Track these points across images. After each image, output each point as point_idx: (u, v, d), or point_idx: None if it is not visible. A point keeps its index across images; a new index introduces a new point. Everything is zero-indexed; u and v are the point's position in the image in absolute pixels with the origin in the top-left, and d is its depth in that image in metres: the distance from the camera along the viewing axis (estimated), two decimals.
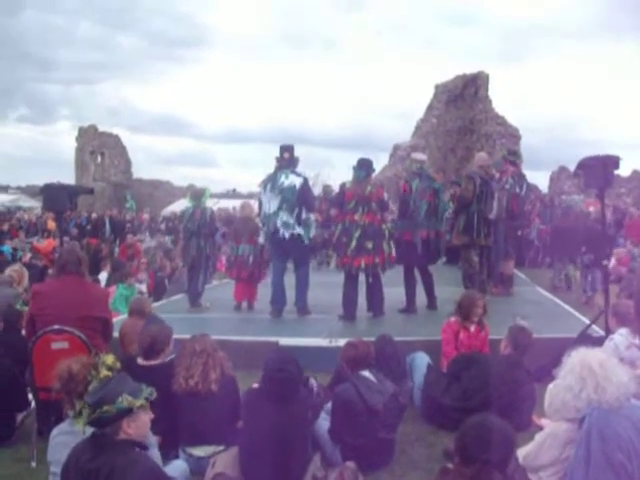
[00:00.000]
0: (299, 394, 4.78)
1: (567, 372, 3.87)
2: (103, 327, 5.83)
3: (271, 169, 9.58)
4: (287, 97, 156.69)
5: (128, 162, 48.25)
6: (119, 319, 8.28)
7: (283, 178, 9.28)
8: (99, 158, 46.89)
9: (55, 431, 4.15)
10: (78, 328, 5.40)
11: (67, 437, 3.87)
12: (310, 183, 9.85)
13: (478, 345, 6.75)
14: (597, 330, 7.44)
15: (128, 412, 3.49)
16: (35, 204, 37.65)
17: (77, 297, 5.70)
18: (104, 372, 3.75)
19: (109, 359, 3.86)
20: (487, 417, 3.47)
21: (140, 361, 5.22)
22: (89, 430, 3.44)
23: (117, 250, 20.52)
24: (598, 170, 7.02)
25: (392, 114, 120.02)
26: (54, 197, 7.61)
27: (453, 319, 6.95)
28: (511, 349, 5.97)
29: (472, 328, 6.85)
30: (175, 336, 5.70)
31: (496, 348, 6.37)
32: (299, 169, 9.63)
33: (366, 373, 5.21)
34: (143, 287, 12.27)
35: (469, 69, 31.86)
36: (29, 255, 16.45)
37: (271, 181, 9.39)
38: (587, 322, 7.80)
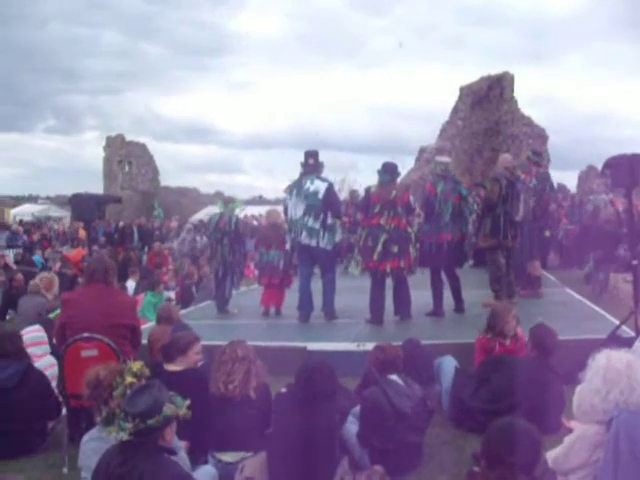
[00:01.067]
0: (329, 399, 4.79)
1: (593, 375, 3.85)
2: (131, 334, 5.90)
3: (296, 175, 9.63)
4: (312, 102, 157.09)
5: (155, 170, 48.69)
6: (147, 326, 8.37)
7: (308, 184, 9.31)
8: (127, 167, 47.37)
9: (86, 437, 4.21)
10: (107, 336, 5.48)
11: (97, 443, 3.92)
12: (336, 188, 9.88)
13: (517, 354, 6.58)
14: (627, 331, 7.37)
15: (171, 421, 3.55)
16: (64, 214, 38.13)
17: (105, 305, 5.77)
18: (129, 379, 3.80)
19: (135, 366, 3.91)
20: (513, 420, 3.46)
21: (167, 367, 5.27)
22: (120, 434, 3.48)
23: (145, 258, 20.70)
24: (625, 169, 6.97)
25: (417, 117, 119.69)
26: (82, 206, 7.71)
27: (486, 336, 6.64)
28: (536, 351, 5.94)
29: (507, 342, 6.55)
30: (204, 342, 5.76)
31: None
32: (324, 174, 9.66)
33: (394, 377, 5.22)
34: (172, 294, 12.36)
35: (493, 70, 31.80)
36: (59, 264, 16.63)
37: (296, 187, 9.43)
38: (617, 323, 7.74)
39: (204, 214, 34.02)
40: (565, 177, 49.42)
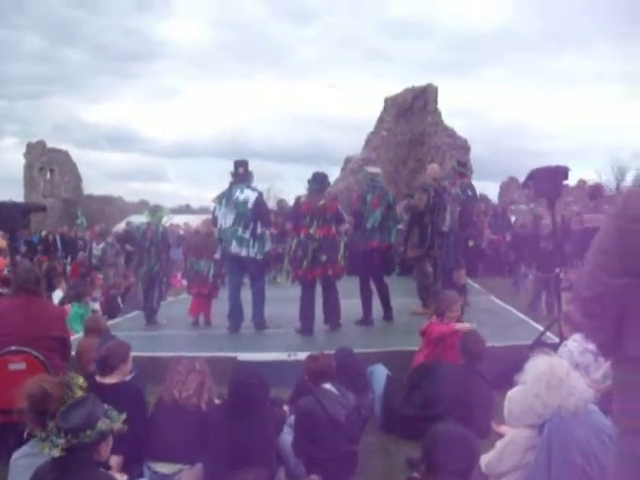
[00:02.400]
0: (263, 409, 4.78)
1: (533, 380, 3.94)
2: (61, 346, 5.75)
3: (222, 183, 9.63)
4: (236, 111, 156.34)
5: (78, 178, 47.62)
6: (75, 338, 8.19)
7: (238, 193, 9.29)
8: (48, 174, 46.19)
9: (16, 454, 4.07)
10: (36, 348, 5.34)
11: (29, 460, 3.80)
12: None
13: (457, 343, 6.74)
14: (551, 337, 7.58)
15: (106, 436, 3.47)
16: None
17: (34, 316, 5.62)
18: (79, 392, 3.70)
19: (79, 379, 3.82)
20: (451, 427, 3.53)
21: (99, 379, 5.16)
22: (53, 451, 3.38)
23: (69, 268, 20.23)
24: (548, 181, 7.19)
25: (342, 127, 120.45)
26: (6, 215, 7.47)
27: (435, 320, 7.05)
28: (465, 358, 6.08)
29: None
30: (134, 353, 5.66)
31: None
32: (253, 184, 9.66)
33: (328, 386, 5.23)
34: (96, 305, 12.12)
35: (417, 81, 32.24)
36: None
37: (226, 196, 9.39)
38: (541, 329, 7.95)
39: (128, 223, 33.52)
40: (486, 187, 50.48)
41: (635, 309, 2.26)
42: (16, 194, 42.30)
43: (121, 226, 33.68)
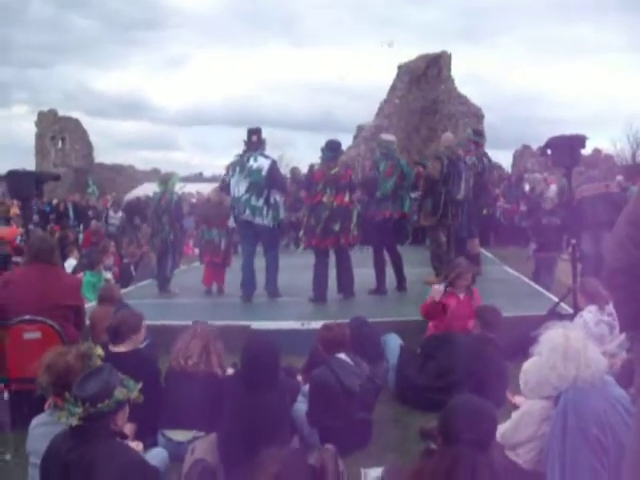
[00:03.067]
0: (276, 379, 4.78)
1: (549, 351, 3.91)
2: (76, 316, 5.78)
3: (233, 151, 9.60)
4: (247, 78, 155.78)
5: (89, 147, 47.52)
6: (88, 307, 8.21)
7: (252, 161, 9.24)
8: (60, 143, 46.12)
9: (34, 422, 4.09)
10: (50, 317, 5.35)
11: (47, 428, 3.81)
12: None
13: (468, 313, 6.76)
14: (566, 308, 7.55)
15: (123, 405, 3.48)
16: None
17: (50, 286, 5.64)
18: (98, 362, 3.71)
19: (98, 349, 3.83)
20: (469, 397, 3.51)
21: (112, 348, 5.18)
22: (70, 420, 3.39)
23: (81, 236, 20.27)
24: (565, 149, 7.12)
25: (354, 95, 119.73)
26: (20, 184, 7.45)
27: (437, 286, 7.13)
28: (480, 328, 6.06)
29: (461, 296, 6.98)
30: (147, 322, 5.67)
31: None
32: (267, 152, 9.60)
33: (342, 355, 5.24)
34: (109, 274, 12.14)
35: (430, 48, 31.93)
36: None
37: (239, 164, 9.35)
38: (556, 300, 7.91)
39: (140, 191, 33.51)
40: (499, 155, 50.17)
41: None
42: (28, 163, 42.42)
43: (133, 194, 33.72)
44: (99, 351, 4.00)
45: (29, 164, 42.03)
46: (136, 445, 4.16)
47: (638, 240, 2.25)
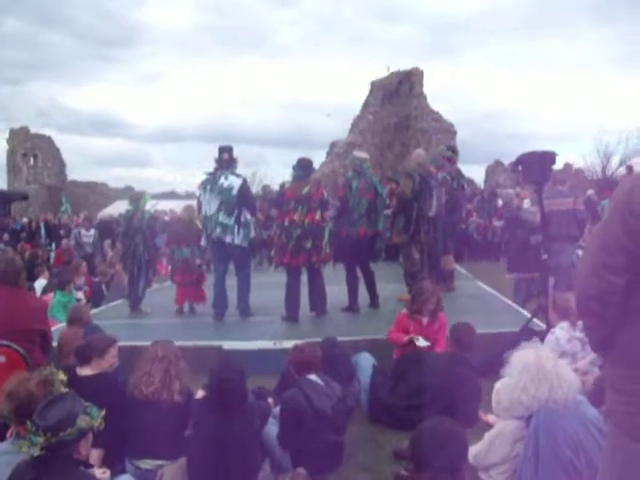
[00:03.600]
0: (245, 402, 4.70)
1: (520, 372, 3.88)
2: (42, 340, 5.66)
3: (207, 168, 9.51)
4: (221, 95, 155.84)
5: (62, 164, 47.26)
6: (57, 327, 8.10)
7: (223, 179, 9.19)
8: (32, 160, 45.78)
9: None
10: (15, 341, 5.23)
11: (9, 457, 3.69)
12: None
13: (431, 337, 6.73)
14: (538, 324, 7.55)
15: (86, 433, 3.38)
16: None
17: (15, 309, 5.53)
18: (61, 388, 3.61)
19: (60, 374, 3.73)
20: (439, 421, 3.46)
21: (79, 371, 5.07)
22: (32, 450, 3.29)
23: (53, 255, 20.05)
24: (536, 166, 7.14)
25: (327, 111, 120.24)
26: None
27: (404, 312, 7.03)
28: (454, 346, 6.02)
29: (424, 321, 6.87)
30: (118, 343, 5.57)
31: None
32: (238, 170, 9.55)
33: (313, 377, 5.16)
34: (80, 294, 11.99)
35: (401, 65, 32.16)
36: None
37: (210, 182, 9.28)
38: (528, 316, 7.91)
39: (113, 209, 33.30)
40: (470, 170, 50.47)
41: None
42: None
43: (106, 212, 33.50)
44: (61, 376, 3.90)
45: (1, 182, 41.71)
46: (103, 472, 4.07)
47: (611, 265, 2.22)
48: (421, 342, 6.65)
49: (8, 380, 3.97)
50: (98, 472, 3.92)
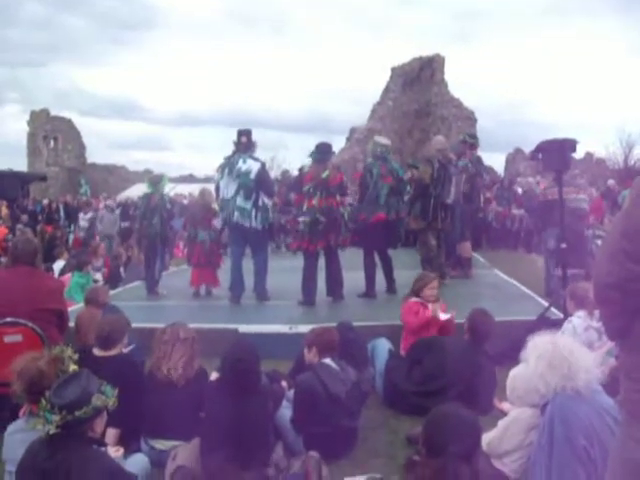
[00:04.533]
0: (259, 384, 4.71)
1: (536, 359, 3.84)
2: (58, 319, 5.69)
3: (226, 152, 9.50)
4: (239, 79, 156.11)
5: (82, 146, 47.48)
6: (75, 308, 8.15)
7: (241, 163, 9.17)
8: (52, 143, 46.00)
9: (11, 428, 4.02)
10: (32, 320, 5.27)
11: (24, 435, 3.74)
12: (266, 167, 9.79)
13: (432, 323, 6.75)
14: (556, 312, 7.50)
15: (101, 412, 3.40)
16: None
17: (32, 288, 5.55)
18: (72, 367, 3.63)
19: (69, 350, 3.75)
20: (452, 407, 3.45)
21: (96, 352, 5.10)
22: (47, 427, 3.31)
23: (71, 237, 20.17)
24: (556, 153, 7.09)
25: (347, 97, 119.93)
26: (6, 185, 7.44)
27: (410, 299, 7.01)
28: (471, 334, 5.97)
29: (430, 307, 6.87)
30: (134, 324, 5.62)
31: (459, 332, 6.39)
32: (256, 154, 9.53)
33: (328, 361, 5.16)
34: (98, 275, 12.06)
35: (423, 51, 31.97)
36: None
37: (229, 166, 9.27)
38: (545, 304, 7.86)
39: (132, 192, 33.48)
40: (490, 158, 50.24)
41: None
42: (20, 163, 42.31)
43: (125, 194, 33.65)
44: (70, 353, 3.91)
45: (22, 164, 41.94)
46: (116, 450, 4.09)
47: (631, 253, 2.19)
48: (443, 315, 6.73)
49: (17, 359, 4.00)
50: (111, 450, 3.94)
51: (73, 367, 3.72)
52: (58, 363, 3.79)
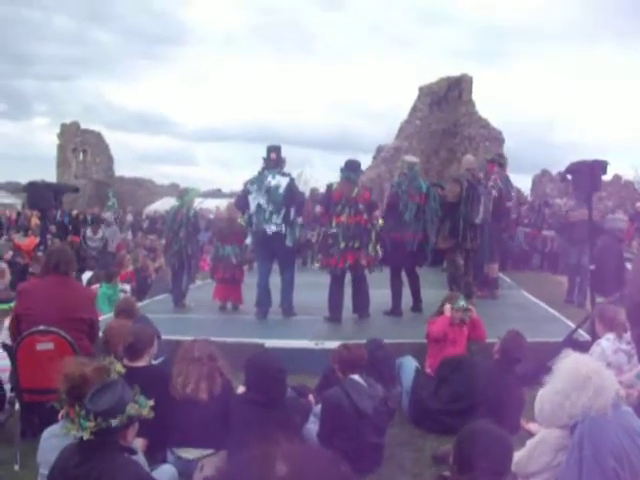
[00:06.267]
0: (285, 397, 4.74)
1: (562, 379, 3.84)
2: (89, 328, 5.76)
3: (251, 168, 9.58)
4: (265, 96, 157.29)
5: (110, 159, 47.88)
6: (102, 319, 8.21)
7: (270, 178, 9.22)
8: (81, 155, 46.47)
9: (47, 433, 4.06)
10: (64, 329, 5.33)
11: (59, 440, 3.78)
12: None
13: (458, 340, 6.83)
14: (583, 334, 7.45)
15: (134, 421, 3.45)
16: (15, 201, 37.36)
17: (64, 297, 5.63)
18: (115, 378, 3.69)
19: (118, 365, 3.81)
20: (484, 424, 3.44)
21: (126, 362, 5.15)
22: (81, 434, 3.35)
23: None
24: (586, 175, 7.07)
25: (374, 115, 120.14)
26: (39, 195, 7.52)
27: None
28: (502, 355, 5.91)
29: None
30: (162, 337, 5.65)
31: (485, 352, 6.38)
32: (285, 169, 9.58)
33: (356, 377, 5.17)
34: (127, 287, 12.16)
35: (450, 71, 31.98)
36: (11, 253, 16.23)
37: (258, 181, 9.32)
38: (573, 326, 7.82)
39: (159, 205, 33.71)
40: (517, 179, 49.99)
41: None
42: (49, 175, 42.74)
43: (152, 208, 33.88)
44: (119, 367, 3.98)
45: (50, 175, 42.37)
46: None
47: None
48: (459, 303, 6.96)
49: (67, 361, 4.06)
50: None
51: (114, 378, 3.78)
52: (104, 373, 3.84)
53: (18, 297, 5.87)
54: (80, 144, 46.28)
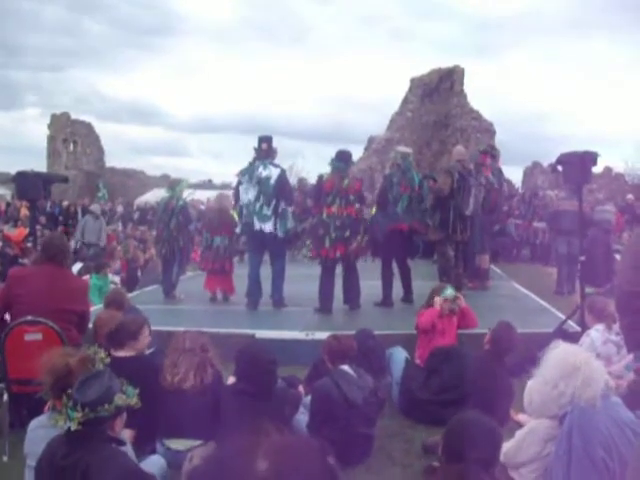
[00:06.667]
0: (274, 388, 4.73)
1: (551, 369, 3.85)
2: (80, 320, 5.73)
3: (243, 159, 9.55)
4: (258, 86, 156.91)
5: (100, 150, 47.62)
6: (93, 310, 8.17)
7: (261, 169, 9.19)
8: (72, 146, 46.22)
9: (33, 423, 4.04)
10: (53, 319, 5.30)
11: (46, 430, 3.77)
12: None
13: (447, 330, 6.87)
14: (573, 325, 7.47)
15: (122, 411, 3.43)
16: (5, 191, 37.15)
17: (57, 288, 5.60)
18: (101, 368, 3.67)
19: (101, 354, 3.79)
20: (473, 415, 3.43)
21: (114, 352, 5.11)
22: (69, 424, 3.34)
23: None
24: (576, 166, 7.07)
25: (365, 107, 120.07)
26: (28, 185, 7.47)
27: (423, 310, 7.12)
28: (492, 345, 5.90)
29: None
30: (151, 327, 5.63)
31: (475, 342, 6.38)
32: (276, 160, 9.55)
33: (345, 367, 5.16)
34: (116, 278, 12.13)
35: (441, 62, 31.96)
36: (0, 243, 16.15)
37: (249, 172, 9.29)
38: (563, 317, 7.83)
39: (150, 196, 33.61)
40: (508, 171, 50.12)
41: None
42: (39, 165, 42.48)
43: (142, 200, 33.79)
44: (102, 355, 3.95)
45: (41, 166, 42.13)
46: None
47: None
48: (447, 292, 7.00)
49: (50, 353, 4.04)
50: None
51: (102, 369, 3.75)
52: (88, 363, 3.82)
53: (10, 281, 5.81)
54: (70, 135, 46.01)
